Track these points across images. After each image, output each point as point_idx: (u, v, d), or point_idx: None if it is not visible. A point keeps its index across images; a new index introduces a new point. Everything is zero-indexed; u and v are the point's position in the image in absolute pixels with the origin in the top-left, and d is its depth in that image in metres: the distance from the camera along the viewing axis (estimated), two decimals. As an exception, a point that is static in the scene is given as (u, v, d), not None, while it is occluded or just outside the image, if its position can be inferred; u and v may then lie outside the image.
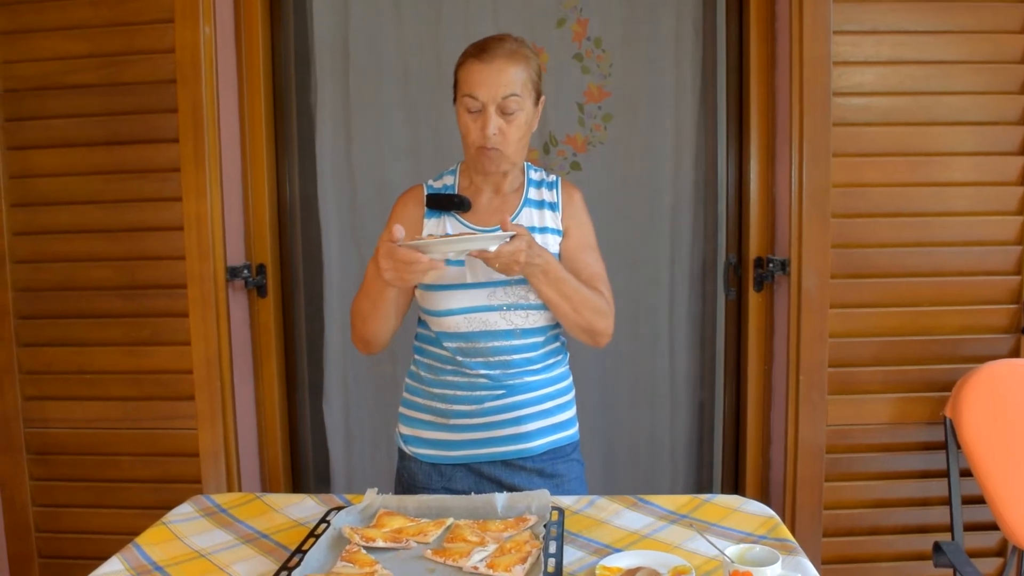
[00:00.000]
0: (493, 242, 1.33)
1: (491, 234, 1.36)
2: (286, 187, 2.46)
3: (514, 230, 1.36)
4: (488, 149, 1.47)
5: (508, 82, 1.44)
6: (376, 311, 1.47)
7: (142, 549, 1.31)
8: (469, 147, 1.50)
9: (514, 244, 1.35)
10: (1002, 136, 2.02)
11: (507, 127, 1.46)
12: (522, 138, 1.50)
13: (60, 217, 2.12)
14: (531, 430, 1.56)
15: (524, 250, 1.36)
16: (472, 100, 1.45)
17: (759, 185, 2.22)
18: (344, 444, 2.73)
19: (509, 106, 1.45)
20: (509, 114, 1.45)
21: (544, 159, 2.64)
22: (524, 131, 1.49)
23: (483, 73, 1.44)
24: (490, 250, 1.33)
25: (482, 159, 1.49)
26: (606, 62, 2.59)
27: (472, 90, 1.45)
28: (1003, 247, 2.05)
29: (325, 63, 2.56)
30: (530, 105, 1.49)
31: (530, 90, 1.48)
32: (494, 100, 1.44)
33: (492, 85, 1.43)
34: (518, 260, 1.36)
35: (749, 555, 1.11)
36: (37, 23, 2.06)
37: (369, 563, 1.18)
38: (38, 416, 2.17)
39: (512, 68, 1.45)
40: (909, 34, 2.01)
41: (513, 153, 1.50)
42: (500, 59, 1.44)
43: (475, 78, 1.45)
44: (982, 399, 1.91)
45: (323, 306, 2.62)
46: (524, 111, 1.47)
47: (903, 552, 2.11)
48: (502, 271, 1.39)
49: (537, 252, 1.40)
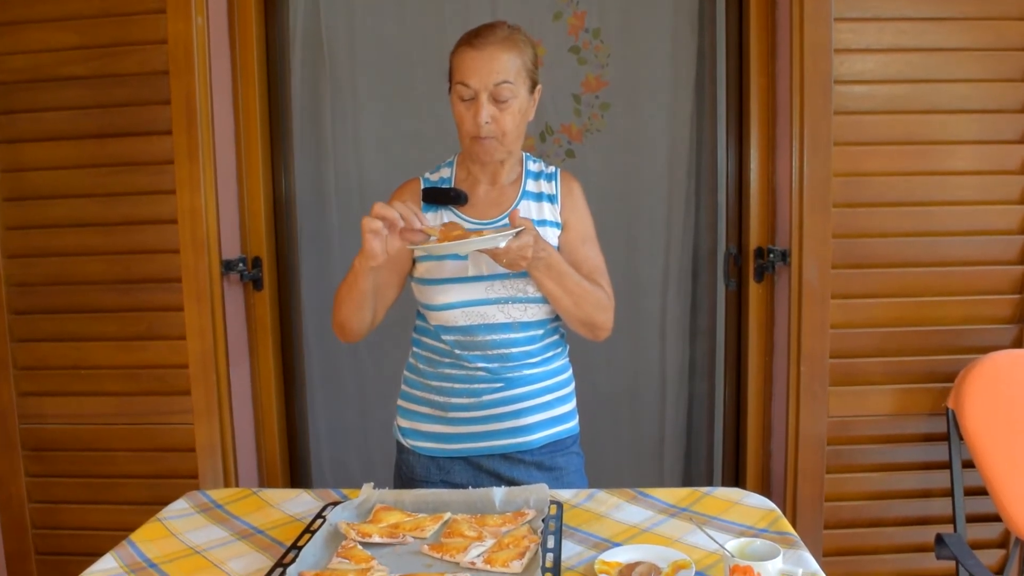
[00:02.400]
0: (503, 239, 1.32)
1: (500, 232, 1.34)
2: (281, 179, 2.44)
3: (521, 224, 1.34)
4: (482, 139, 1.45)
5: (500, 69, 1.42)
6: (351, 297, 1.44)
7: (137, 546, 1.30)
8: (464, 136, 1.49)
9: (522, 239, 1.33)
10: (1004, 124, 2.01)
11: (500, 115, 1.44)
12: (517, 127, 1.48)
13: (53, 211, 2.10)
14: (530, 423, 1.55)
15: (531, 245, 1.34)
16: (464, 88, 1.44)
17: (759, 175, 2.21)
18: (341, 439, 2.73)
19: (502, 93, 1.43)
20: (502, 102, 1.44)
21: (540, 147, 2.63)
22: (519, 119, 1.47)
23: (476, 60, 1.42)
24: (500, 246, 1.32)
25: (476, 149, 1.48)
26: (604, 52, 2.58)
27: (464, 77, 1.43)
28: (1005, 236, 2.03)
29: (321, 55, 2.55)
30: (524, 93, 1.47)
31: (524, 78, 1.46)
32: (486, 87, 1.42)
33: (484, 72, 1.42)
34: (526, 256, 1.35)
35: (750, 549, 1.09)
36: (27, 14, 2.04)
37: (365, 559, 1.17)
38: (33, 412, 2.16)
39: (505, 55, 1.43)
40: (911, 21, 1.99)
41: (508, 142, 1.48)
42: (492, 46, 1.43)
43: (467, 65, 1.43)
44: (984, 390, 1.90)
45: (319, 299, 2.61)
46: (518, 99, 1.45)
47: (905, 544, 2.10)
48: (509, 267, 1.38)
49: (542, 246, 1.38)
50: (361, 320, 1.48)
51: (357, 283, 1.41)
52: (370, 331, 1.52)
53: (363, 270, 1.38)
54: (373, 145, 2.62)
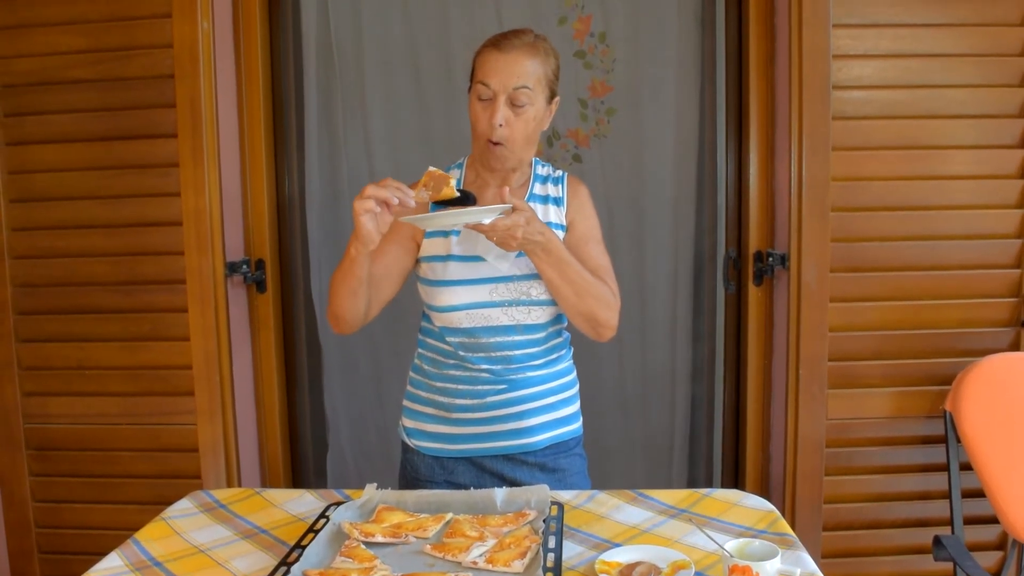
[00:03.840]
0: (489, 215, 1.32)
1: (489, 207, 1.34)
2: (285, 182, 2.46)
3: (516, 204, 1.34)
4: (494, 144, 1.46)
5: (521, 73, 1.44)
6: (345, 284, 1.42)
7: (141, 544, 1.31)
8: (478, 138, 1.49)
9: (512, 218, 1.33)
10: (1002, 129, 2.02)
11: (515, 120, 1.45)
12: (530, 135, 1.49)
13: (59, 213, 2.12)
14: (533, 425, 1.56)
15: (522, 225, 1.34)
16: (484, 87, 1.45)
17: (759, 179, 2.22)
18: (344, 439, 2.73)
19: (519, 98, 1.44)
20: (519, 106, 1.45)
21: (548, 152, 2.64)
22: (533, 127, 1.48)
23: (499, 62, 1.44)
24: (484, 222, 1.32)
25: (488, 155, 1.49)
26: (610, 56, 2.59)
27: (485, 77, 1.45)
28: (1003, 240, 2.04)
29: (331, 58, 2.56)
30: (542, 102, 1.48)
31: (543, 87, 1.47)
32: (505, 90, 1.44)
33: (505, 75, 1.43)
34: (515, 235, 1.34)
35: (748, 549, 1.11)
36: (35, 18, 2.06)
37: (368, 558, 1.18)
38: (38, 412, 2.17)
39: (528, 61, 1.45)
40: (909, 27, 2.00)
41: (519, 150, 1.49)
42: (517, 50, 1.44)
43: (490, 66, 1.45)
44: (982, 393, 1.91)
45: (322, 301, 2.62)
46: (534, 106, 1.46)
47: (903, 546, 2.11)
48: (500, 245, 1.38)
49: (538, 229, 1.38)
50: (355, 309, 1.45)
51: (352, 270, 1.39)
52: (363, 324, 1.50)
53: (358, 255, 1.36)
54: (382, 147, 2.63)
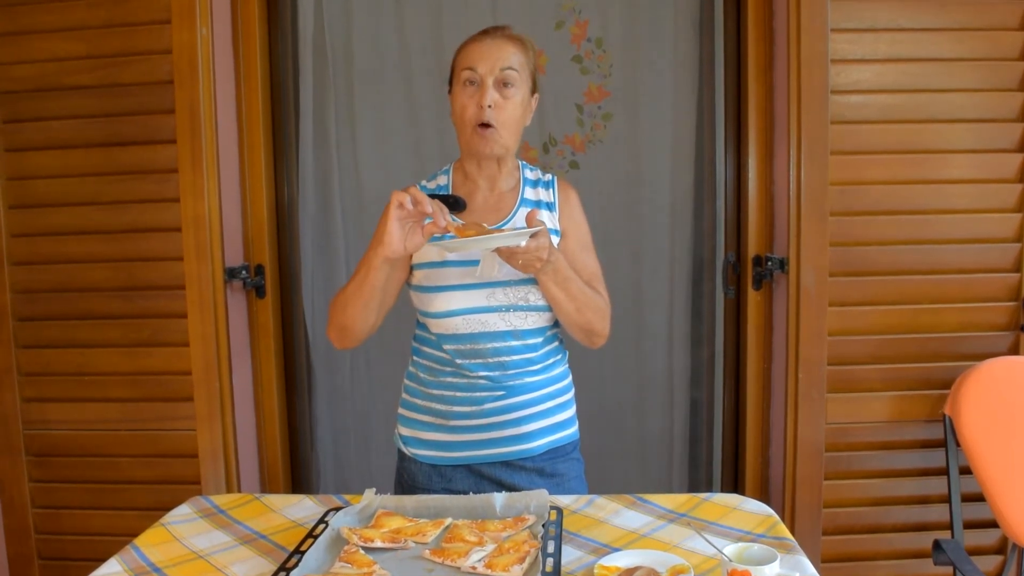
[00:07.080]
0: (523, 238, 1.31)
1: (520, 230, 1.33)
2: (284, 187, 2.46)
3: (538, 225, 1.34)
4: (483, 127, 1.46)
5: (507, 56, 1.46)
6: (359, 294, 1.41)
7: (140, 550, 1.31)
8: (465, 127, 1.49)
9: (540, 240, 1.33)
10: (1000, 133, 2.02)
11: (503, 102, 1.47)
12: (517, 121, 1.50)
13: (58, 218, 2.12)
14: (531, 430, 1.55)
15: (547, 247, 1.35)
16: (471, 72, 1.46)
17: (757, 183, 2.22)
18: (343, 445, 2.73)
19: (508, 78, 1.46)
20: (507, 87, 1.46)
21: (543, 158, 2.64)
22: (519, 113, 1.50)
23: (483, 47, 1.47)
24: (521, 244, 1.31)
25: (476, 140, 1.48)
26: (606, 62, 2.59)
27: (472, 63, 1.46)
28: (1002, 244, 2.05)
29: (323, 64, 2.56)
30: (526, 90, 1.50)
31: (527, 76, 1.50)
32: (492, 72, 1.45)
33: (491, 58, 1.45)
34: (542, 257, 1.34)
35: (747, 554, 1.11)
36: (34, 24, 2.06)
37: (367, 563, 1.18)
38: (37, 418, 2.17)
39: (511, 46, 1.48)
40: (907, 31, 2.01)
41: (508, 134, 1.49)
42: (502, 37, 1.48)
43: (475, 53, 1.47)
44: (981, 397, 1.91)
45: (324, 306, 2.62)
46: (520, 91, 1.48)
47: (903, 550, 2.11)
48: (523, 268, 1.37)
49: (553, 249, 1.39)
50: (365, 320, 1.45)
51: (368, 278, 1.39)
52: (369, 336, 1.50)
53: (377, 260, 1.36)
54: (372, 153, 2.63)
